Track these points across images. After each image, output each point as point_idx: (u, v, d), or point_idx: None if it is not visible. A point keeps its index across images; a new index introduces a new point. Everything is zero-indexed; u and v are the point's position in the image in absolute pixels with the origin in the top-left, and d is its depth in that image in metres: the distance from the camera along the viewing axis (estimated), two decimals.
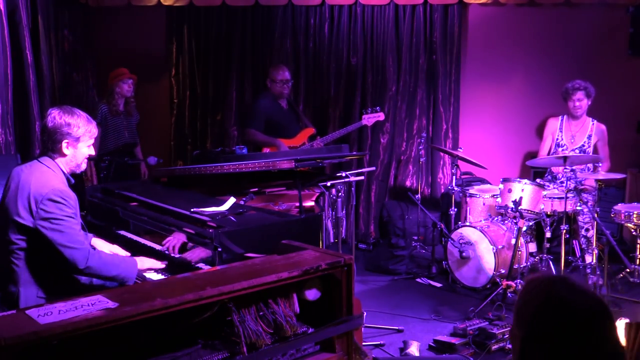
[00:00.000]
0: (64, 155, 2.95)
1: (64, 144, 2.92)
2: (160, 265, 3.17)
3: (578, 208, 5.23)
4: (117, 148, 5.45)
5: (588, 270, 5.11)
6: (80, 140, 2.95)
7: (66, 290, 2.87)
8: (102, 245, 3.35)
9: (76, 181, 3.22)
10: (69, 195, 2.87)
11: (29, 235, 2.84)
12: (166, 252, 3.26)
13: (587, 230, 5.32)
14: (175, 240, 3.26)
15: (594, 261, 5.11)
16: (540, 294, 1.56)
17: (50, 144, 2.93)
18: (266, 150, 5.54)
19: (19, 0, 4.46)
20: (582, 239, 5.35)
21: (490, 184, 6.01)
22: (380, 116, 5.80)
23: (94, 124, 3.03)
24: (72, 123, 2.90)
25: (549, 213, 5.15)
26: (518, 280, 4.79)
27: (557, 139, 5.68)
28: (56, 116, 2.89)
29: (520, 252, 4.88)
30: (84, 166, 3.05)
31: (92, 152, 3.05)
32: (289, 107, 5.81)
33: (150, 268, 3.13)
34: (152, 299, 1.97)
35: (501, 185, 5.19)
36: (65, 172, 3.00)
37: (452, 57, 6.43)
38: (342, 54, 6.38)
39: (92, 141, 3.02)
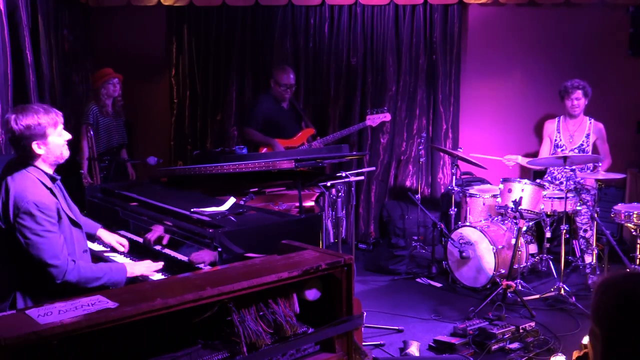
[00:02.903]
0: (39, 155, 2.83)
1: (34, 146, 2.80)
2: (156, 267, 3.12)
3: (578, 208, 5.23)
4: (111, 149, 5.39)
5: (588, 270, 5.11)
6: (48, 135, 2.82)
7: (64, 292, 2.84)
8: (107, 237, 3.39)
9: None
10: (46, 206, 2.75)
11: (16, 245, 2.77)
12: (152, 246, 3.31)
13: (585, 231, 5.32)
14: (153, 234, 3.34)
15: (594, 261, 5.12)
16: (615, 292, 1.58)
17: (21, 150, 2.83)
18: (263, 150, 5.52)
19: (19, 1, 4.46)
20: (581, 239, 5.35)
21: (490, 184, 6.01)
22: (387, 117, 5.76)
23: (54, 111, 2.87)
24: (32, 124, 2.76)
25: (549, 213, 5.15)
26: (518, 280, 4.79)
27: (556, 140, 5.68)
28: (13, 123, 2.76)
29: (520, 252, 4.88)
30: (66, 153, 2.92)
31: (68, 136, 2.92)
32: (290, 107, 5.78)
33: (142, 274, 3.04)
34: (152, 299, 1.97)
35: (501, 185, 5.19)
36: (50, 171, 2.90)
37: (452, 57, 6.42)
38: (342, 54, 6.37)
39: (61, 127, 2.88)
